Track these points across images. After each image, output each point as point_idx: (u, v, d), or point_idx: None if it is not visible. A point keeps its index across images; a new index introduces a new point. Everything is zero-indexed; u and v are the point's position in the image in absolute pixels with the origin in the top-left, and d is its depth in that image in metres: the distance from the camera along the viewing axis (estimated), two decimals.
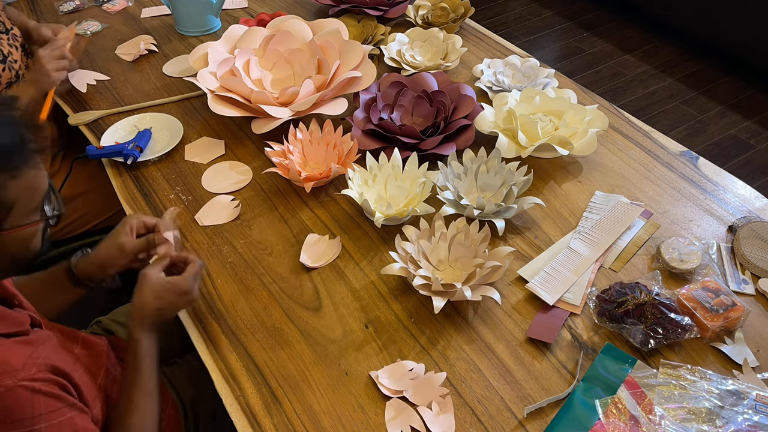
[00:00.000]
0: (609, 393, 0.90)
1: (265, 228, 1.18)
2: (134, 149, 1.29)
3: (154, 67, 1.61)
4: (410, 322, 1.01)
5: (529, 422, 0.88)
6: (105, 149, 1.32)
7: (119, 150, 1.30)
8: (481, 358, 0.96)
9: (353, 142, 1.26)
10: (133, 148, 1.30)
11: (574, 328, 1.00)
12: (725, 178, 1.26)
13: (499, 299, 1.00)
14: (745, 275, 1.07)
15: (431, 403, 0.90)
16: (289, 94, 1.33)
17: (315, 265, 1.10)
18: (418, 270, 1.02)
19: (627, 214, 1.17)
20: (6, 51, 1.41)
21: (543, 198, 1.22)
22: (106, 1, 1.89)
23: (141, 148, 1.31)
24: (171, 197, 1.25)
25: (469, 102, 1.33)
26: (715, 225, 1.17)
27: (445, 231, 1.08)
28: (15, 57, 1.43)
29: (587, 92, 1.49)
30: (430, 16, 1.71)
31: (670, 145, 1.35)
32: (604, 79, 3.00)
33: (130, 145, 1.31)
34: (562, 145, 1.26)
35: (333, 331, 1.00)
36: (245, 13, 1.84)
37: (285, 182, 1.27)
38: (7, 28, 1.46)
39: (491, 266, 1.00)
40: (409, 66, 1.53)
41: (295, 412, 0.90)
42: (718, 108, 2.80)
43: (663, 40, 3.22)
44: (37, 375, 0.78)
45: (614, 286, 1.02)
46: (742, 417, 0.85)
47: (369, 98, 1.37)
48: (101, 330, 1.25)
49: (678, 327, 0.95)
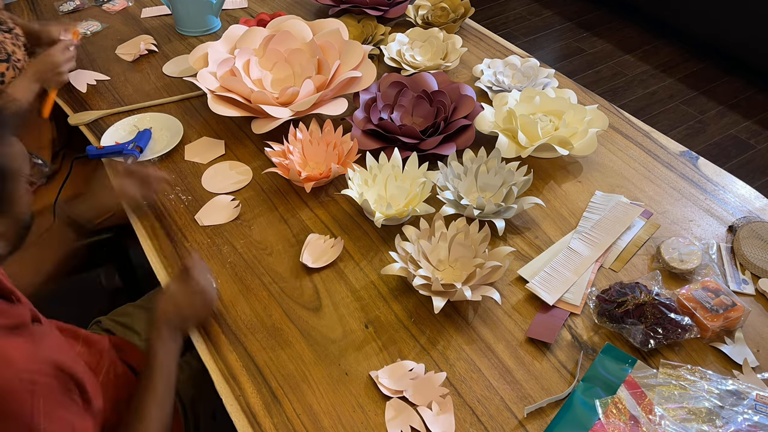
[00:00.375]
0: (609, 393, 0.90)
1: (265, 228, 1.18)
2: (134, 149, 1.30)
3: (154, 67, 1.61)
4: (410, 322, 1.01)
5: (529, 422, 0.88)
6: (105, 149, 1.32)
7: (119, 150, 1.30)
8: (481, 358, 0.96)
9: (353, 142, 1.26)
10: (133, 148, 1.30)
11: (574, 328, 1.00)
12: (725, 178, 1.26)
13: (499, 299, 1.00)
14: (745, 275, 1.07)
15: (431, 403, 0.90)
16: (289, 94, 1.33)
17: (316, 266, 1.10)
18: (418, 270, 1.02)
19: (627, 214, 1.17)
20: (10, 50, 1.41)
21: (543, 198, 1.22)
22: (106, 1, 1.89)
23: (141, 148, 1.31)
24: (171, 197, 1.25)
25: (469, 102, 1.33)
26: (715, 225, 1.17)
27: (445, 231, 1.08)
28: (18, 56, 1.43)
29: (587, 92, 1.49)
30: (430, 16, 1.71)
31: (670, 145, 1.35)
32: (604, 79, 3.00)
33: (130, 145, 1.31)
34: (562, 145, 1.26)
35: (333, 331, 1.00)
36: (245, 13, 1.84)
37: (285, 182, 1.27)
38: (10, 27, 1.46)
39: (491, 266, 1.00)
40: (409, 66, 1.53)
41: (295, 412, 0.90)
42: (718, 108, 2.80)
43: (663, 40, 3.22)
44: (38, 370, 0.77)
45: (614, 286, 1.02)
46: (742, 417, 0.85)
47: (369, 98, 1.37)
48: (101, 330, 1.25)
49: (678, 327, 0.95)
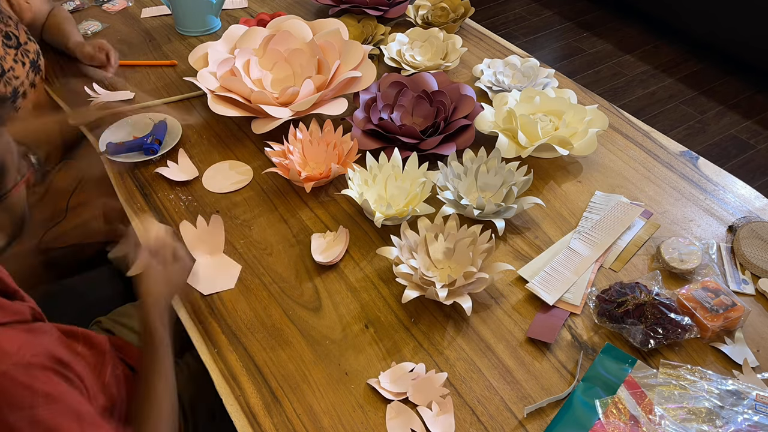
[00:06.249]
0: (609, 393, 0.90)
1: (265, 228, 1.18)
2: (153, 143, 1.29)
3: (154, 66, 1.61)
4: (410, 322, 1.01)
5: (529, 422, 0.88)
6: (126, 145, 1.30)
7: (139, 144, 1.29)
8: (481, 358, 0.96)
9: (353, 142, 1.26)
10: (152, 141, 1.29)
11: (574, 328, 1.00)
12: (725, 178, 1.26)
13: (469, 310, 0.98)
14: (745, 275, 1.07)
15: (431, 404, 0.90)
16: (289, 94, 1.33)
17: (328, 261, 1.09)
18: (409, 260, 1.02)
19: (627, 214, 1.17)
20: (7, 66, 1.41)
21: (543, 198, 1.22)
22: (106, 1, 1.89)
23: (159, 141, 1.30)
24: (171, 197, 1.25)
25: (469, 102, 1.33)
26: (715, 225, 1.17)
27: (454, 232, 1.08)
28: (17, 73, 1.43)
29: (587, 92, 1.49)
30: (430, 16, 1.71)
31: (670, 145, 1.35)
32: (604, 79, 3.00)
33: (149, 138, 1.30)
34: (562, 145, 1.26)
35: (333, 331, 1.00)
36: (245, 13, 1.84)
37: (285, 182, 1.27)
38: (20, 42, 1.46)
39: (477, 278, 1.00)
40: (409, 66, 1.53)
41: (295, 412, 0.90)
42: (718, 108, 2.80)
43: (663, 40, 3.22)
44: (34, 360, 0.76)
45: (614, 286, 1.02)
46: (742, 417, 0.85)
47: (369, 98, 1.37)
48: (101, 330, 1.25)
49: (678, 327, 0.95)
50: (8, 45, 1.43)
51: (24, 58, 1.46)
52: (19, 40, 1.47)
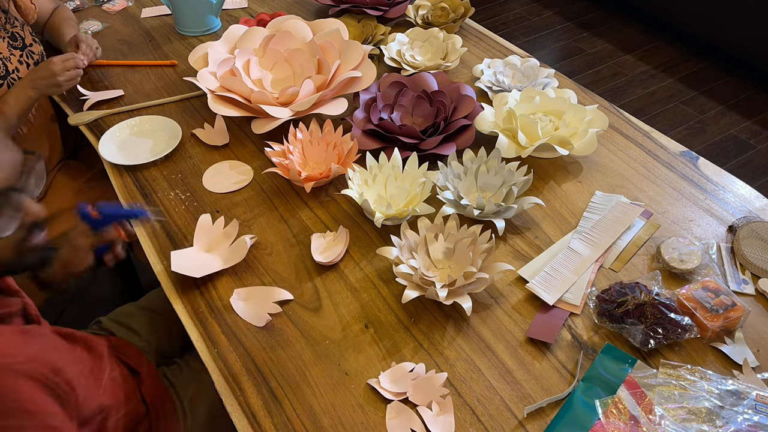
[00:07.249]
0: (609, 393, 0.90)
1: (265, 228, 1.18)
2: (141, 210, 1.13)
3: (154, 67, 1.61)
4: (410, 322, 1.01)
5: (529, 422, 0.88)
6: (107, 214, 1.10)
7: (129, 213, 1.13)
8: (481, 358, 0.96)
9: (353, 142, 1.26)
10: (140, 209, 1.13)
11: (574, 328, 1.00)
12: (725, 178, 1.26)
13: (469, 310, 0.98)
14: (745, 275, 1.07)
15: (431, 404, 0.90)
16: (289, 94, 1.33)
17: (328, 261, 1.09)
18: (409, 260, 1.02)
19: (627, 214, 1.17)
20: (11, 68, 1.41)
21: (543, 198, 1.22)
22: (106, 1, 1.89)
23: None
24: (171, 197, 1.25)
25: (469, 102, 1.33)
26: (715, 225, 1.17)
27: (454, 232, 1.08)
28: (22, 74, 1.43)
29: (587, 92, 1.49)
30: (430, 16, 1.71)
31: (670, 145, 1.35)
32: (604, 79, 3.00)
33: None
34: (562, 145, 1.26)
35: (333, 331, 1.00)
36: (245, 13, 1.84)
37: (285, 182, 1.27)
38: (26, 44, 1.47)
39: (477, 278, 1.00)
40: (409, 66, 1.53)
41: (295, 412, 0.90)
42: (718, 108, 2.80)
43: (663, 40, 3.22)
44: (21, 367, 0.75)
45: (614, 286, 1.02)
46: (742, 417, 0.85)
47: (369, 98, 1.37)
48: (101, 330, 1.25)
49: (678, 327, 0.95)
50: (14, 46, 1.44)
51: (29, 59, 1.47)
52: (25, 42, 1.47)
